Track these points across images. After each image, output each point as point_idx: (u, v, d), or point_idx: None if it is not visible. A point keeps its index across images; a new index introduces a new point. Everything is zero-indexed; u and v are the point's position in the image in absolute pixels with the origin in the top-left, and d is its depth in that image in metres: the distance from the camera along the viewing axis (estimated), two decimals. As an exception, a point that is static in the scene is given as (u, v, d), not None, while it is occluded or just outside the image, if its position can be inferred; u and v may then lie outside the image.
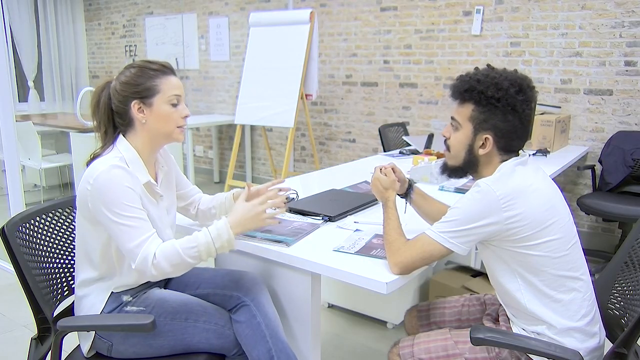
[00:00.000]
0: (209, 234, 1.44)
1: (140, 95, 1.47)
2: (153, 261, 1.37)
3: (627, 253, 1.54)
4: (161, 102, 1.49)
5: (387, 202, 1.55)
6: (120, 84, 1.49)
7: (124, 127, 1.52)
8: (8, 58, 3.16)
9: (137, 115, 1.48)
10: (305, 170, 5.41)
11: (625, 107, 3.57)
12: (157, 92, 1.48)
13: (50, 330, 1.49)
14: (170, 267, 1.40)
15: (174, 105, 1.51)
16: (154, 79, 1.48)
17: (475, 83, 1.39)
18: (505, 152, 1.42)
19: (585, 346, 1.36)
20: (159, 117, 1.49)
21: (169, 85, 1.50)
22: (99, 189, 1.38)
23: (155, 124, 1.50)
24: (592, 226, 3.86)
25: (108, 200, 1.38)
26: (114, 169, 1.40)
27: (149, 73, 1.48)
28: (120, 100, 1.48)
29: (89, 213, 1.43)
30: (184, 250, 1.41)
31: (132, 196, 1.41)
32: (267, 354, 1.49)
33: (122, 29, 6.97)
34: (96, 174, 1.39)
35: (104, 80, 1.54)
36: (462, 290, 2.59)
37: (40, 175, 5.14)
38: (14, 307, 2.92)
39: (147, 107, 1.48)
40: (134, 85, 1.47)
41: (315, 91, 4.58)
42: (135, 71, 1.49)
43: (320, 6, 4.99)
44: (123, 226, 1.38)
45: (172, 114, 1.50)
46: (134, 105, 1.48)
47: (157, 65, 1.51)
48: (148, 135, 1.51)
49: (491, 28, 4.05)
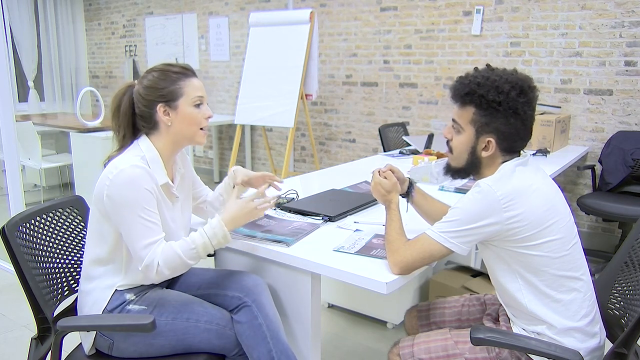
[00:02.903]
0: (205, 234, 1.49)
1: (165, 99, 1.50)
2: (157, 269, 1.42)
3: (627, 253, 1.54)
4: (186, 105, 1.52)
5: (390, 204, 1.55)
6: (144, 88, 1.52)
7: (148, 130, 1.55)
8: (8, 58, 3.16)
9: (162, 118, 1.51)
10: (305, 170, 5.41)
11: (625, 107, 3.57)
12: (182, 95, 1.51)
13: (50, 330, 1.49)
14: (170, 271, 1.46)
15: (198, 106, 1.54)
16: (177, 82, 1.51)
17: (475, 87, 1.38)
18: (507, 153, 1.42)
19: (585, 346, 1.36)
20: (184, 119, 1.52)
21: (192, 88, 1.53)
22: (118, 185, 1.41)
23: (180, 127, 1.53)
24: (592, 226, 3.86)
25: (125, 198, 1.41)
26: (135, 169, 1.43)
27: (171, 76, 1.52)
28: (145, 104, 1.51)
29: (104, 207, 1.46)
30: (184, 253, 1.46)
31: (149, 198, 1.44)
32: (268, 355, 1.49)
33: (122, 29, 6.97)
34: (117, 170, 1.42)
35: (125, 84, 1.57)
36: (462, 290, 2.59)
37: (40, 175, 5.13)
38: (14, 307, 2.92)
39: (173, 109, 1.52)
40: (159, 89, 1.50)
41: (315, 91, 4.58)
42: (158, 75, 1.52)
43: (320, 6, 4.99)
44: (135, 225, 1.42)
45: (197, 115, 1.54)
46: (159, 109, 1.51)
47: (179, 68, 1.54)
48: (172, 138, 1.55)
49: (491, 28, 4.05)
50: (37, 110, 6.79)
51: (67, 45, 7.23)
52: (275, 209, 1.97)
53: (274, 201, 1.66)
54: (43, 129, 5.11)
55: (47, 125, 5.16)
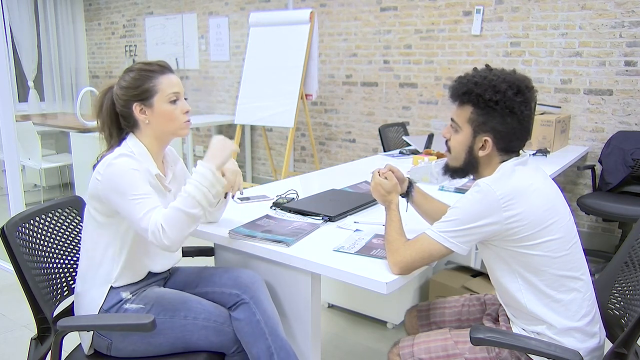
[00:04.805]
0: (192, 180, 1.46)
1: (140, 98, 1.53)
2: (163, 231, 1.39)
3: (627, 253, 1.54)
4: (161, 102, 1.54)
5: (391, 204, 1.55)
6: (120, 89, 1.55)
7: (130, 129, 1.58)
8: (8, 58, 3.17)
9: (139, 116, 1.54)
10: (305, 170, 5.41)
11: (625, 107, 3.57)
12: (156, 92, 1.53)
13: (50, 330, 1.49)
14: (177, 229, 1.41)
15: (174, 102, 1.55)
16: (152, 80, 1.53)
17: (473, 86, 1.39)
18: (505, 153, 1.42)
19: (585, 346, 1.36)
20: (160, 116, 1.54)
21: (166, 84, 1.54)
22: (108, 176, 1.44)
23: (158, 124, 1.55)
24: (592, 226, 3.86)
25: (117, 184, 1.43)
26: (121, 157, 1.46)
27: (146, 75, 1.54)
28: (123, 104, 1.55)
29: (101, 204, 1.48)
30: (182, 204, 1.42)
31: (137, 176, 1.45)
32: (267, 351, 1.50)
33: (122, 29, 6.97)
34: (105, 164, 1.45)
35: (107, 84, 1.61)
36: (462, 290, 2.59)
37: (40, 175, 5.13)
38: (14, 307, 2.92)
39: (148, 107, 1.54)
40: (133, 89, 1.53)
41: (315, 91, 4.58)
42: (134, 75, 1.54)
43: (320, 6, 4.99)
44: (132, 207, 1.42)
45: (173, 111, 1.55)
46: (135, 108, 1.53)
47: (154, 65, 1.56)
48: (154, 134, 1.57)
49: (491, 28, 4.05)
50: (37, 110, 6.79)
51: (67, 45, 7.23)
52: (275, 209, 1.97)
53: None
54: (43, 129, 5.11)
55: (47, 125, 5.16)
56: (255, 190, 2.28)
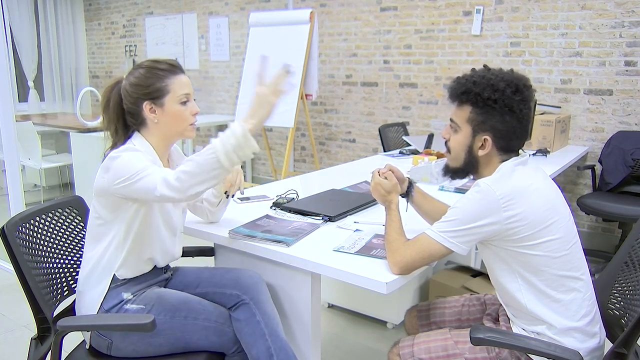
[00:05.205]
0: (222, 135, 1.36)
1: (151, 97, 1.51)
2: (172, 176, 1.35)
3: (627, 253, 1.54)
4: (172, 102, 1.52)
5: (391, 204, 1.55)
6: (130, 85, 1.52)
7: (137, 126, 1.56)
8: (8, 58, 3.16)
9: (149, 115, 1.52)
10: (305, 170, 5.41)
11: (625, 107, 3.57)
12: (168, 92, 1.51)
13: (50, 330, 1.49)
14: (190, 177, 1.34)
15: (184, 103, 1.54)
16: (164, 79, 1.51)
17: (471, 85, 1.40)
18: (505, 152, 1.42)
19: (585, 346, 1.36)
20: (170, 117, 1.53)
21: (178, 85, 1.53)
22: (114, 169, 1.42)
23: (167, 124, 1.54)
24: (592, 226, 3.86)
25: (121, 172, 1.41)
26: (125, 151, 1.45)
27: (158, 74, 1.51)
28: (132, 101, 1.52)
29: (107, 199, 1.47)
30: (201, 156, 1.35)
31: (142, 157, 1.44)
32: (267, 352, 1.49)
33: (122, 29, 6.96)
34: (110, 158, 1.44)
35: (114, 79, 1.58)
36: (462, 290, 2.59)
37: (40, 175, 5.13)
38: (14, 307, 2.92)
39: (159, 107, 1.52)
40: (145, 87, 1.50)
41: (315, 91, 4.58)
42: (145, 72, 1.51)
43: (320, 6, 4.99)
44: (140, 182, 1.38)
45: (183, 112, 1.54)
46: (145, 106, 1.51)
47: (165, 64, 1.53)
48: (161, 133, 1.56)
49: (491, 28, 4.05)
50: (37, 110, 6.79)
51: (67, 45, 7.23)
52: (275, 209, 1.97)
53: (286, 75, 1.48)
54: (43, 129, 5.11)
55: (47, 125, 5.16)
56: (255, 190, 2.28)
